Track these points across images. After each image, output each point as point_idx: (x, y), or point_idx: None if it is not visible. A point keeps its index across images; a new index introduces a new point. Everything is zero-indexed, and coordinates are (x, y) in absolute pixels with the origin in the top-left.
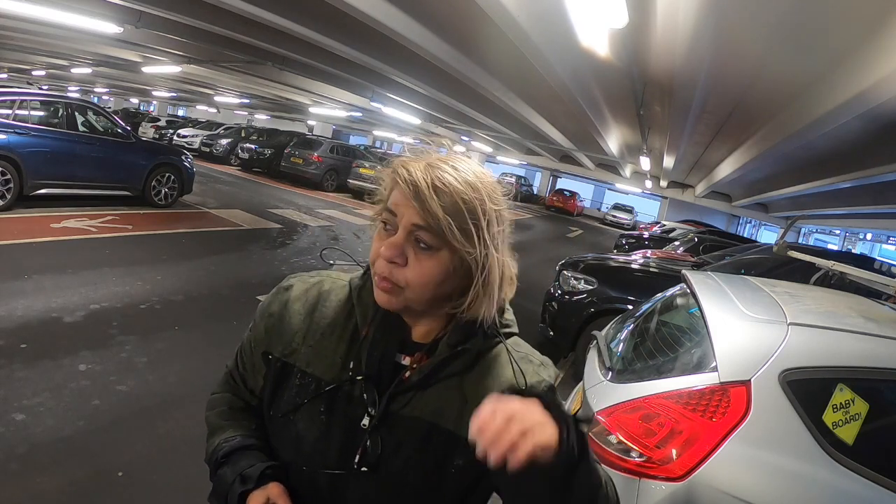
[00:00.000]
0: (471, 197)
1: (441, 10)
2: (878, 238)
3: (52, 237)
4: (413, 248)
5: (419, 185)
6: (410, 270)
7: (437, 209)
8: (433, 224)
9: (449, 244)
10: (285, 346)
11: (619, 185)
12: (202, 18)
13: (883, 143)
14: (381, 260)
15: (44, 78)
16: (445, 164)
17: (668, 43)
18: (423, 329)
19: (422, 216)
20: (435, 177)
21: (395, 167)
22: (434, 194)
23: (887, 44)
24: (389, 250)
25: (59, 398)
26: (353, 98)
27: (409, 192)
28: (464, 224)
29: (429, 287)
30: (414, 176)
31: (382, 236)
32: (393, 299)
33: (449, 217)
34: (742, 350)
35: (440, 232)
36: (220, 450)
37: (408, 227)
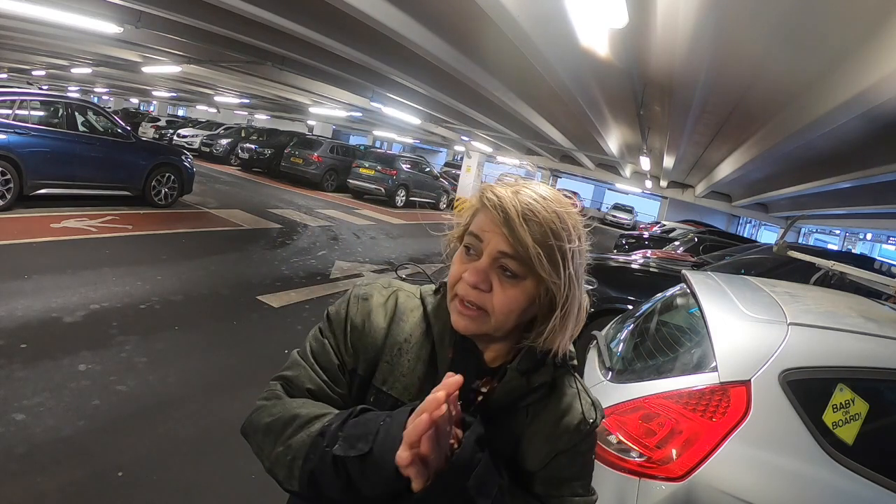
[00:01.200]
0: (558, 227)
1: (441, 10)
2: (878, 238)
3: (52, 237)
4: (498, 275)
5: (509, 211)
6: (495, 297)
7: (526, 237)
8: (521, 252)
9: (534, 273)
10: (366, 362)
11: (619, 185)
12: (202, 18)
13: (883, 143)
14: (464, 284)
15: (44, 78)
16: (533, 192)
17: (668, 43)
18: (491, 354)
19: (510, 243)
20: (524, 204)
21: (482, 191)
22: (523, 222)
23: (887, 44)
24: (474, 276)
25: (59, 398)
26: (353, 98)
27: (498, 219)
28: (551, 254)
29: (512, 315)
30: (503, 202)
31: (464, 260)
32: (473, 325)
33: (538, 246)
34: (742, 350)
35: (528, 261)
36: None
37: (493, 253)
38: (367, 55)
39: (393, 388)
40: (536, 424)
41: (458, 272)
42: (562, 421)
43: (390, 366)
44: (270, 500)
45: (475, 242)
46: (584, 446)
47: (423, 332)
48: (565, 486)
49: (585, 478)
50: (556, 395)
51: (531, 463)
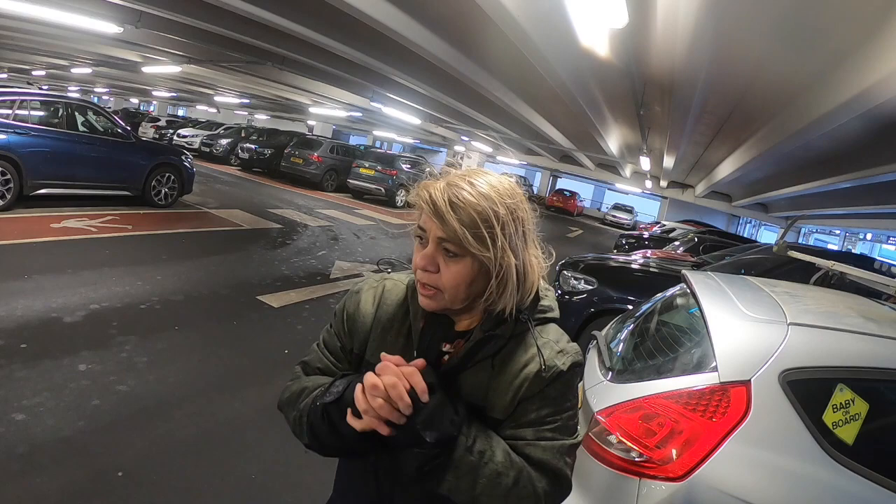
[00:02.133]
0: (484, 207)
1: (441, 11)
2: (878, 238)
3: (52, 237)
4: (443, 256)
5: (437, 203)
6: (442, 276)
7: (453, 222)
8: (451, 236)
9: (469, 251)
10: (360, 342)
11: (619, 185)
12: (202, 18)
13: (883, 143)
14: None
15: (44, 78)
16: (462, 181)
17: (668, 43)
18: (464, 323)
19: (443, 230)
20: (451, 194)
21: (418, 190)
22: (451, 210)
23: (887, 44)
24: (423, 260)
25: (59, 398)
26: (353, 98)
27: (430, 211)
28: (478, 232)
29: (460, 288)
30: (433, 196)
31: (419, 249)
32: (432, 302)
33: (465, 228)
34: (742, 350)
35: (458, 241)
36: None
37: (435, 239)
38: (367, 55)
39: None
40: (501, 375)
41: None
42: (524, 369)
43: (377, 342)
44: (270, 499)
45: (423, 233)
46: (551, 391)
47: (404, 312)
48: (532, 429)
49: (556, 423)
50: (520, 347)
51: (498, 411)
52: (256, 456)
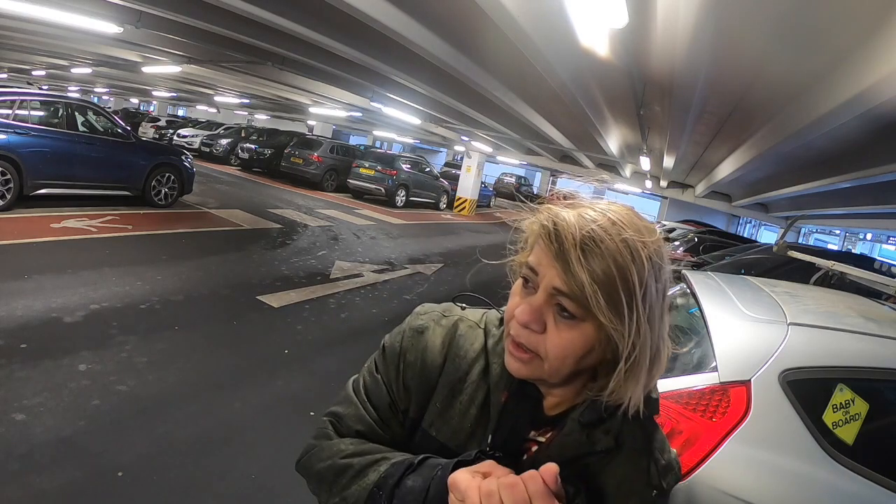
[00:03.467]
0: (626, 261)
1: (441, 10)
2: (878, 238)
3: (52, 237)
4: (554, 314)
5: (564, 241)
6: (548, 340)
7: (582, 274)
8: (577, 292)
9: (594, 315)
10: (418, 401)
11: (620, 185)
12: (202, 18)
13: (883, 143)
14: (516, 322)
15: (44, 78)
16: (600, 217)
17: (668, 43)
18: (553, 401)
19: (564, 280)
20: (585, 232)
21: (541, 215)
22: (582, 255)
23: (887, 44)
24: (525, 315)
25: (59, 398)
26: (353, 98)
27: (552, 250)
28: (614, 294)
29: (567, 361)
30: (560, 229)
31: (521, 293)
32: (524, 368)
33: (596, 285)
34: (742, 350)
35: (584, 301)
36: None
37: (548, 290)
38: (367, 55)
39: (440, 431)
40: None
41: (513, 307)
42: (622, 484)
43: (440, 407)
44: (270, 499)
45: (532, 275)
46: None
47: (480, 371)
48: None
49: None
50: (621, 453)
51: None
52: (256, 456)
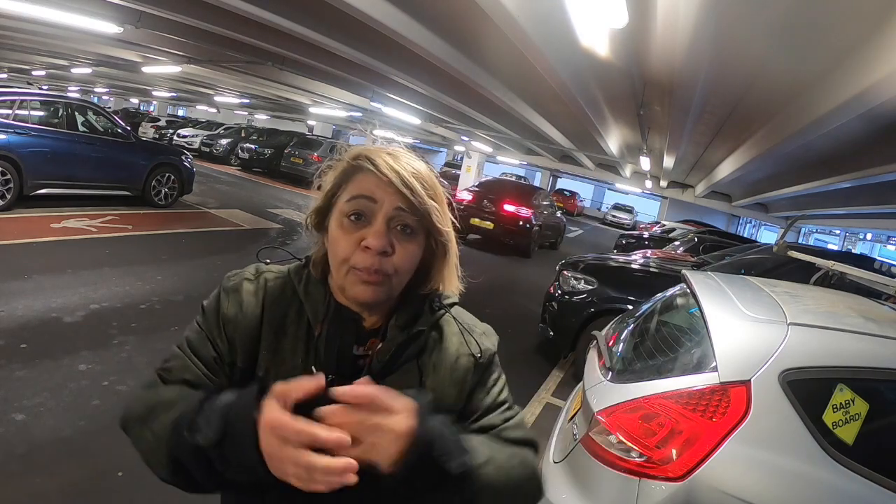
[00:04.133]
0: (435, 182)
1: (441, 10)
2: (878, 238)
3: (52, 237)
4: (395, 234)
5: (401, 171)
6: (397, 257)
7: (422, 194)
8: (420, 207)
9: (424, 228)
10: (245, 352)
11: (619, 185)
12: (202, 18)
13: (883, 143)
14: (366, 253)
15: (44, 78)
16: (403, 154)
17: (668, 43)
18: (373, 318)
19: (404, 201)
20: (406, 163)
21: (361, 156)
22: (414, 179)
23: (887, 44)
24: (380, 240)
25: (59, 398)
26: (353, 98)
27: (394, 179)
28: (440, 208)
29: (411, 271)
30: (392, 164)
31: (350, 228)
32: (378, 290)
33: (434, 200)
34: (742, 350)
35: (425, 215)
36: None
37: (390, 212)
38: (367, 55)
39: (276, 373)
40: (435, 374)
41: (352, 241)
42: (458, 361)
43: (270, 353)
44: None
45: (368, 205)
46: (492, 373)
47: (296, 311)
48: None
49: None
50: (444, 339)
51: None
52: None
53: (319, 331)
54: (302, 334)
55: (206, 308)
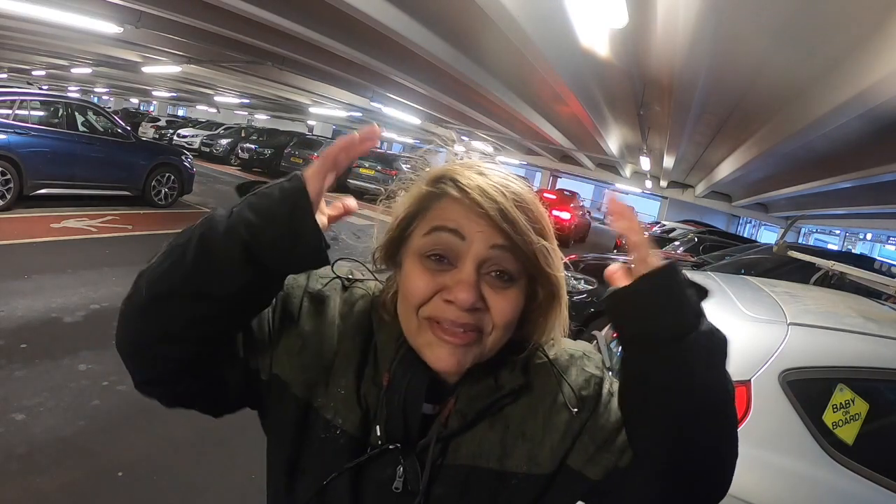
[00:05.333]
0: (541, 212)
1: (441, 11)
2: (878, 238)
3: (52, 237)
4: (487, 283)
5: (498, 199)
6: (495, 311)
7: (527, 229)
8: (523, 246)
9: (527, 272)
10: (309, 384)
11: (619, 185)
12: (202, 18)
13: (883, 143)
14: (450, 306)
15: (44, 78)
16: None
17: (668, 43)
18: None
19: (506, 239)
20: (505, 186)
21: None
22: (515, 210)
23: (887, 44)
24: (468, 292)
25: (59, 398)
26: (353, 98)
27: (489, 208)
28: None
29: (511, 327)
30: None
31: (426, 273)
32: (469, 355)
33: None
34: (742, 350)
35: (530, 256)
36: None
37: (482, 253)
38: (367, 55)
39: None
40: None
41: (428, 288)
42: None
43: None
44: None
45: (451, 242)
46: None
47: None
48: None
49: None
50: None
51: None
52: (256, 456)
53: (388, 381)
54: (380, 379)
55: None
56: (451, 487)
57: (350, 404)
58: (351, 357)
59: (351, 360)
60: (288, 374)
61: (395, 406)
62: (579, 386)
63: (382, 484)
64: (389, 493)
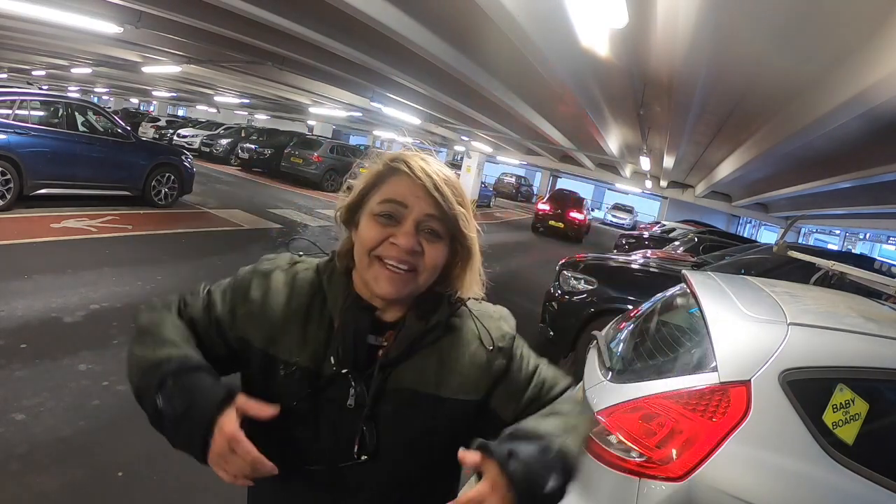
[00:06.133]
0: (461, 191)
1: (441, 10)
2: (877, 238)
3: (52, 237)
4: (422, 237)
5: (434, 177)
6: (426, 257)
7: (452, 200)
8: (449, 214)
9: (449, 233)
10: (267, 337)
11: (619, 185)
12: (202, 18)
13: (883, 143)
14: (395, 248)
15: (44, 78)
16: (434, 161)
17: (668, 43)
18: (391, 313)
19: (435, 208)
20: (437, 171)
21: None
22: (445, 186)
23: (887, 44)
24: (408, 240)
25: (59, 398)
26: (353, 98)
27: (427, 184)
28: (466, 215)
29: (436, 272)
30: (427, 170)
31: (378, 226)
32: (404, 286)
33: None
34: (742, 350)
35: (452, 221)
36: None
37: (419, 217)
38: (367, 55)
39: (301, 356)
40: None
41: (379, 236)
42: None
43: (296, 337)
44: None
45: (398, 208)
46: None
47: (321, 302)
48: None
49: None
50: (461, 330)
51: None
52: None
53: (339, 321)
54: (325, 324)
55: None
56: (397, 406)
57: (302, 344)
58: (298, 310)
59: (299, 312)
60: (249, 333)
61: (347, 339)
62: (496, 336)
63: (338, 402)
64: (344, 408)
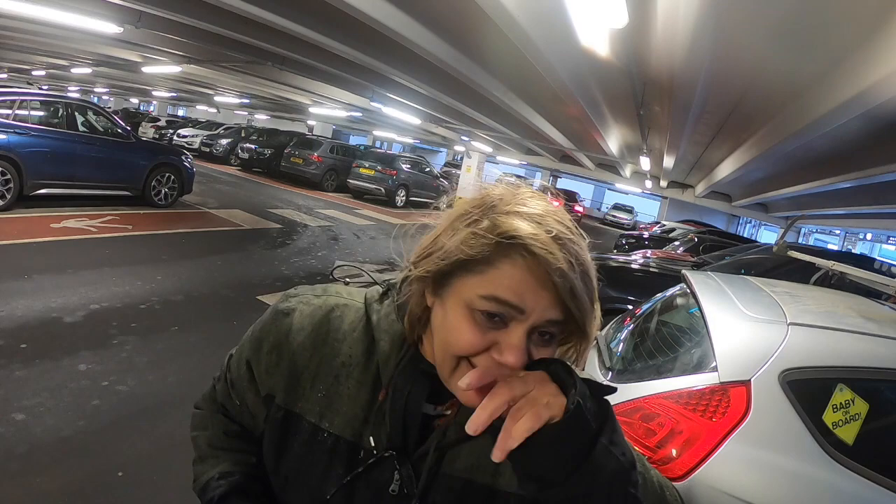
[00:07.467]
0: (593, 272)
1: (441, 10)
2: (878, 238)
3: (52, 237)
4: (532, 342)
5: (570, 275)
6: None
7: (585, 300)
8: (577, 319)
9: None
10: (289, 391)
11: (619, 185)
12: (202, 18)
13: (883, 143)
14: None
15: (44, 78)
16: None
17: (668, 43)
18: None
19: (562, 311)
20: (575, 255)
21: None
22: (581, 282)
23: (887, 44)
24: (518, 357)
25: (59, 398)
26: (353, 98)
27: (560, 286)
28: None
29: None
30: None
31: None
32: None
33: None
34: (742, 350)
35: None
36: (216, 489)
37: (538, 323)
38: (367, 55)
39: (333, 423)
40: None
41: (477, 344)
42: None
43: (326, 397)
44: None
45: (509, 311)
46: None
47: (364, 350)
48: None
49: None
50: None
51: None
52: None
53: (388, 383)
54: (367, 379)
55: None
56: (447, 496)
57: (334, 406)
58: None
59: (333, 364)
60: (272, 387)
61: (396, 414)
62: None
63: (379, 487)
64: (386, 495)
